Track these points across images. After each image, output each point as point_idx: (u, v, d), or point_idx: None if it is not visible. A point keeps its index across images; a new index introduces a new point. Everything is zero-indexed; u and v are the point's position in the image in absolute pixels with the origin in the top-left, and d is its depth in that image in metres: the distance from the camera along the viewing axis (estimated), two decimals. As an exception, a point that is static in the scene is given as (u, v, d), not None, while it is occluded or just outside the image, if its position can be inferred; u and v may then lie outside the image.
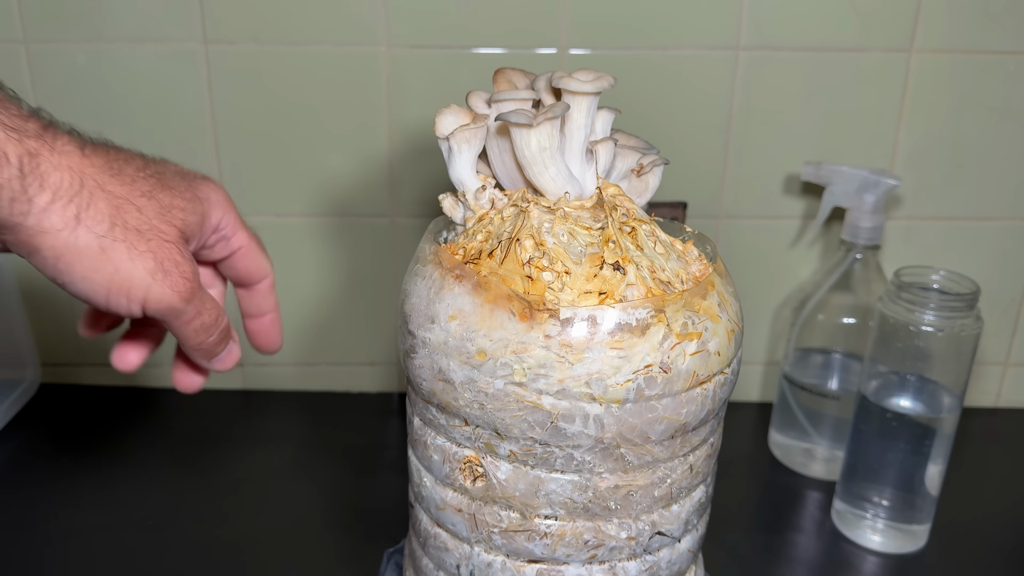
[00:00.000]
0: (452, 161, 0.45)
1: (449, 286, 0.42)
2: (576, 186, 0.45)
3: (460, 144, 0.44)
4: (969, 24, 0.75)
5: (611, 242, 0.42)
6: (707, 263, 0.46)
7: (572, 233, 0.42)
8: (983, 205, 0.81)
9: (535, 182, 0.44)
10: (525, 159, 0.43)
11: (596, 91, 0.44)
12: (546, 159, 0.43)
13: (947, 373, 0.66)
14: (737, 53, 0.75)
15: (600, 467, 0.42)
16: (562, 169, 0.44)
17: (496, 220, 0.44)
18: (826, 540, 0.71)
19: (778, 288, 0.84)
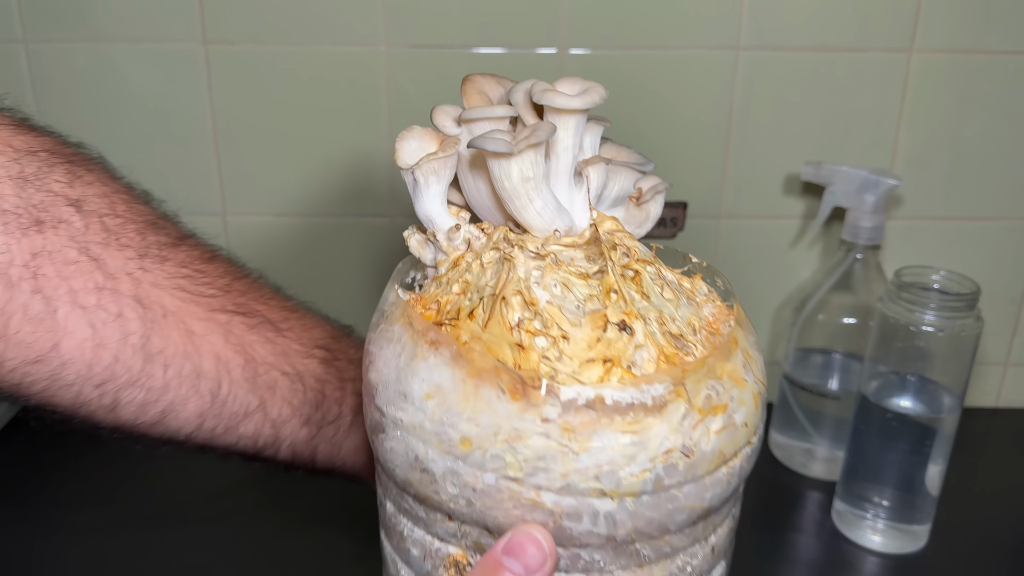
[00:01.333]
0: (418, 196, 0.39)
1: (423, 354, 0.35)
2: (565, 218, 0.39)
3: (427, 176, 0.38)
4: (970, 24, 0.75)
5: (613, 292, 0.36)
6: (721, 304, 0.41)
7: (567, 284, 0.36)
8: (983, 205, 0.81)
9: (518, 217, 0.38)
10: (506, 192, 0.37)
11: (585, 107, 0.38)
12: (530, 191, 0.37)
13: (947, 373, 0.66)
14: (737, 53, 0.75)
15: (611, 565, 0.36)
16: (549, 201, 0.38)
17: (475, 267, 0.38)
18: (826, 540, 0.71)
19: (778, 288, 0.84)
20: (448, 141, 0.39)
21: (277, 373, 0.47)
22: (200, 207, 0.81)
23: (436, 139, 0.40)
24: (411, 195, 0.39)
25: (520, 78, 0.43)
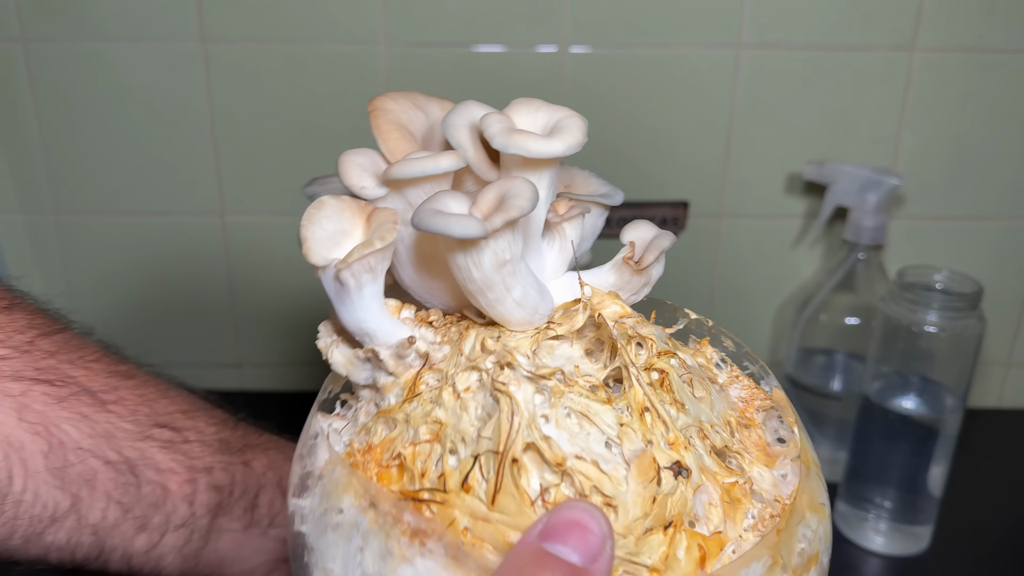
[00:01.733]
0: (347, 303, 0.29)
1: (402, 553, 0.25)
2: (548, 299, 0.30)
3: (360, 277, 0.28)
4: (972, 22, 0.74)
5: (646, 411, 0.27)
6: (741, 376, 0.34)
7: (585, 414, 0.27)
8: (987, 204, 0.81)
9: (490, 311, 0.29)
10: (474, 283, 0.28)
11: (565, 152, 0.29)
12: (507, 278, 0.28)
13: (950, 373, 0.66)
14: (739, 51, 0.75)
15: None
16: (530, 284, 0.29)
17: (447, 399, 0.28)
18: (828, 541, 0.70)
19: (780, 288, 0.84)
20: (382, 221, 0.28)
21: (97, 462, 0.36)
22: (198, 207, 0.80)
23: (359, 212, 0.29)
24: (331, 300, 0.29)
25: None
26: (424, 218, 0.26)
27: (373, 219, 0.29)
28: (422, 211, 0.27)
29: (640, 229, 0.34)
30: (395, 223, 0.28)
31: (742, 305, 0.85)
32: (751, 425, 0.31)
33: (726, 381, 0.33)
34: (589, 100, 0.76)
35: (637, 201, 0.79)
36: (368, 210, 0.29)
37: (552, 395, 0.27)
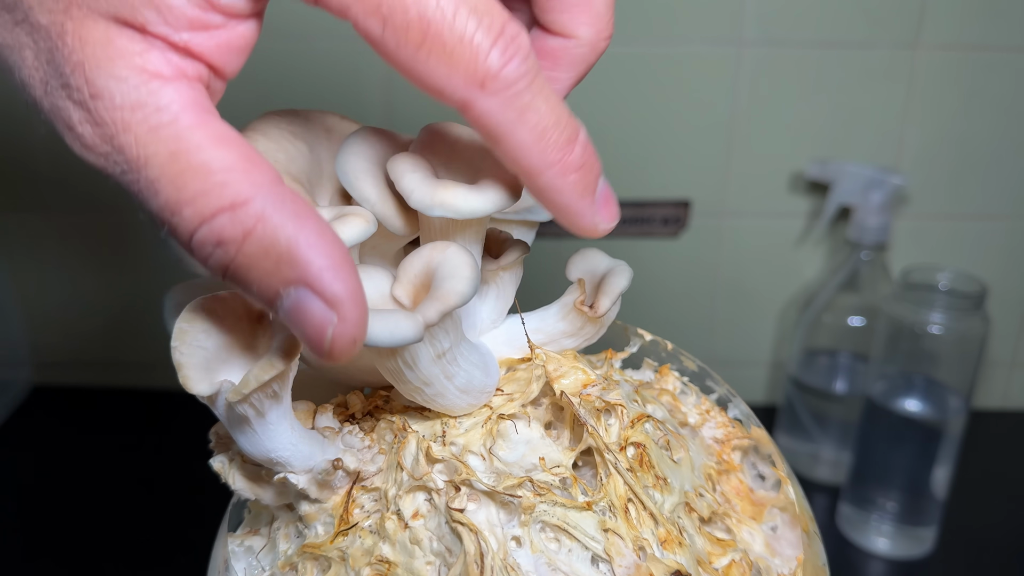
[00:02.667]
0: (248, 434, 0.24)
1: None
2: (493, 370, 0.26)
3: (262, 405, 0.23)
4: (976, 20, 0.74)
5: (630, 503, 0.24)
6: (711, 407, 0.31)
7: (563, 527, 0.23)
8: (991, 204, 0.80)
9: (430, 406, 0.26)
10: (410, 383, 0.24)
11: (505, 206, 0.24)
12: (446, 367, 0.24)
13: (954, 374, 0.65)
14: (741, 49, 0.74)
15: None
16: (474, 363, 0.25)
17: (391, 530, 0.24)
18: (832, 544, 0.70)
19: (783, 288, 0.83)
20: (281, 328, 0.22)
21: None
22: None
23: (244, 315, 0.23)
24: (228, 429, 0.24)
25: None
26: None
27: (266, 321, 0.23)
28: None
29: (590, 260, 0.29)
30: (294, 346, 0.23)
31: (744, 305, 0.84)
32: (731, 470, 0.29)
33: (697, 421, 0.30)
34: (590, 98, 0.76)
35: (638, 200, 0.79)
36: (257, 310, 0.23)
37: (522, 511, 0.23)
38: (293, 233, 0.19)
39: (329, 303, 0.19)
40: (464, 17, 0.20)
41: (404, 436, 0.25)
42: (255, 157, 0.20)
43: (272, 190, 0.20)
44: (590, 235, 0.24)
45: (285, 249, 0.19)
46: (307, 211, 0.20)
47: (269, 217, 0.19)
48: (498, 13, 0.20)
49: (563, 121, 0.21)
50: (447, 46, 0.20)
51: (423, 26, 0.20)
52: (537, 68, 0.21)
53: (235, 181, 0.20)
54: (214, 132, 0.21)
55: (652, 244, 0.81)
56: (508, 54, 0.20)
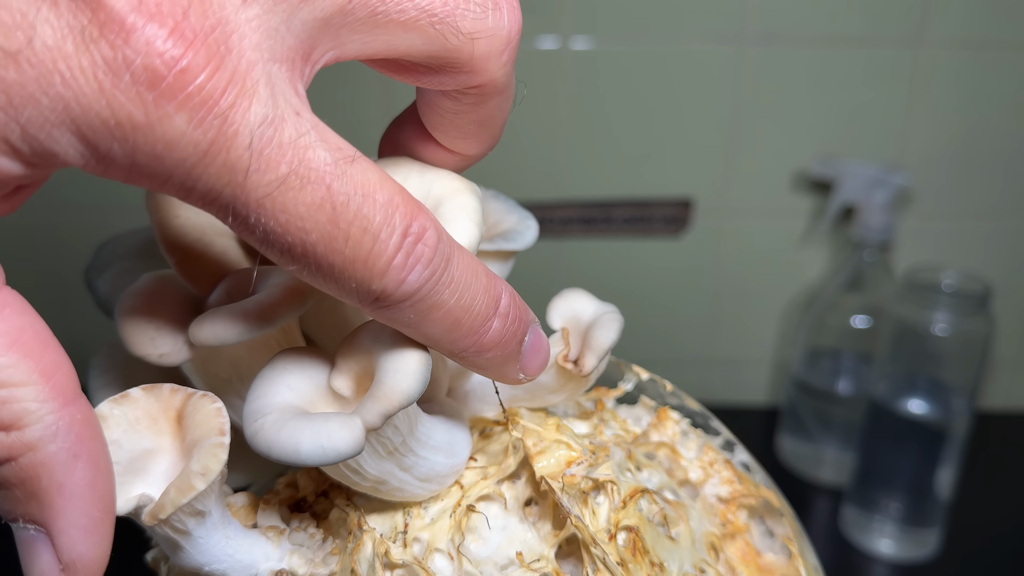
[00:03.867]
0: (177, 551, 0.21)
1: None
2: (463, 445, 0.24)
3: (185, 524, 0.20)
4: (981, 17, 0.73)
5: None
6: (717, 457, 0.28)
7: None
8: (996, 203, 0.80)
9: (391, 499, 0.23)
10: (365, 483, 0.22)
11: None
12: (403, 460, 0.21)
13: (958, 375, 0.65)
14: (743, 46, 0.74)
15: None
16: (437, 446, 0.22)
17: None
18: (835, 545, 0.69)
19: (786, 288, 0.83)
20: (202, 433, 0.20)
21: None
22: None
23: (162, 412, 0.21)
24: (161, 546, 0.22)
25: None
26: (269, 438, 0.19)
27: (186, 420, 0.20)
28: (266, 424, 0.19)
29: (573, 305, 0.25)
30: (223, 431, 0.20)
31: (747, 305, 0.84)
32: (736, 532, 0.27)
33: (699, 477, 0.27)
34: (590, 97, 0.75)
35: (640, 200, 0.78)
36: (176, 404, 0.20)
37: None
38: (59, 476, 0.17)
39: (63, 563, 0.18)
40: (356, 237, 0.18)
41: (359, 535, 0.22)
42: (53, 363, 0.18)
43: (62, 415, 0.17)
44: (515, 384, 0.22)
45: (42, 490, 0.17)
46: (90, 447, 0.18)
47: (42, 448, 0.17)
48: (401, 214, 0.18)
49: (476, 302, 0.20)
50: (335, 268, 0.18)
51: (306, 252, 0.18)
52: (448, 254, 0.19)
53: (19, 398, 0.17)
54: (6, 331, 0.18)
55: (653, 243, 0.81)
56: (408, 265, 0.18)
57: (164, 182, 0.17)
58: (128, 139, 0.16)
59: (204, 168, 0.16)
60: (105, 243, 0.28)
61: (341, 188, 0.18)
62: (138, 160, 0.16)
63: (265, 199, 0.17)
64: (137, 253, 0.27)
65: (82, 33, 0.16)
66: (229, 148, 0.16)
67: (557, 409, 0.28)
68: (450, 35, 0.20)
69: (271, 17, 0.17)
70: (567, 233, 0.79)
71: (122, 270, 0.26)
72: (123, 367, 0.24)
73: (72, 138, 0.16)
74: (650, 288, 0.82)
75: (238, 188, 0.17)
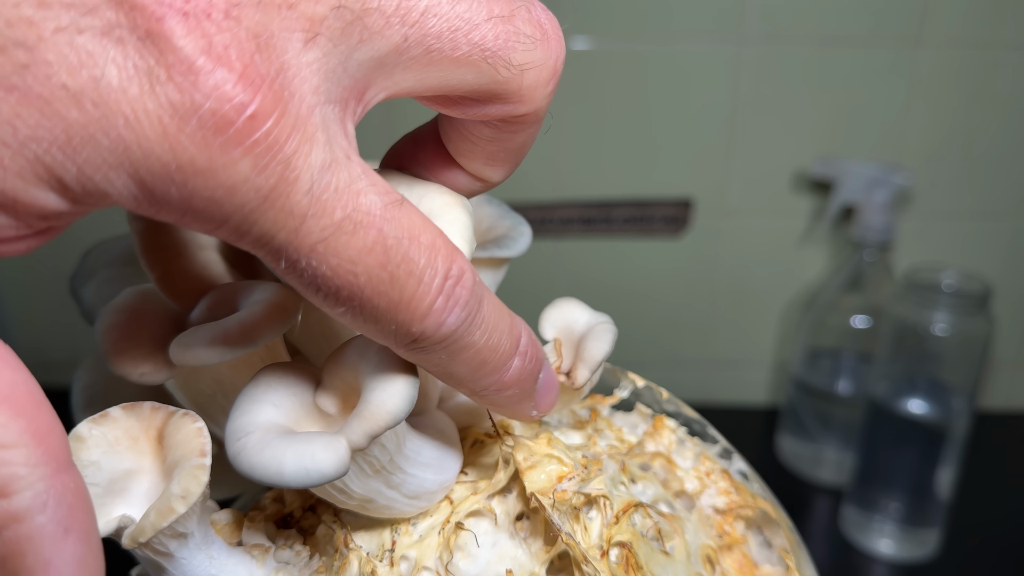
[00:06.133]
0: (158, 570, 0.21)
1: None
2: (452, 462, 0.23)
3: (167, 546, 0.20)
4: (981, 17, 0.73)
5: None
6: (714, 465, 0.28)
7: None
8: (996, 203, 0.80)
9: (379, 516, 0.23)
10: (352, 502, 0.22)
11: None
12: (390, 478, 0.21)
13: (958, 375, 0.65)
14: (743, 46, 0.74)
15: None
16: (425, 463, 0.22)
17: None
18: (835, 545, 0.69)
19: (786, 288, 0.83)
20: (183, 453, 0.19)
21: None
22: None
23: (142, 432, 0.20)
24: (144, 567, 0.21)
25: None
26: (251, 458, 0.18)
27: (167, 440, 0.20)
28: (248, 444, 0.18)
29: (566, 315, 0.25)
30: (204, 452, 0.19)
31: (747, 305, 0.84)
32: (733, 544, 0.26)
33: (696, 488, 0.27)
34: (591, 96, 0.75)
35: (640, 199, 0.78)
36: (157, 423, 0.20)
37: None
38: (47, 552, 0.16)
39: None
40: (401, 281, 0.18)
41: (346, 554, 0.21)
42: (46, 426, 0.16)
43: (53, 483, 0.16)
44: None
45: (27, 568, 0.16)
46: (82, 521, 0.16)
47: (30, 520, 0.16)
48: (443, 258, 0.18)
49: (501, 343, 0.20)
50: (378, 311, 0.18)
51: (353, 295, 0.18)
52: (480, 297, 0.19)
53: (8, 462, 0.16)
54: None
55: (653, 243, 0.81)
56: (447, 308, 0.18)
57: (219, 226, 0.17)
58: (188, 184, 0.16)
59: (262, 213, 0.16)
60: (90, 249, 0.27)
61: (391, 232, 0.18)
62: (195, 204, 0.16)
63: (319, 244, 0.17)
64: (123, 260, 0.27)
65: (148, 74, 0.15)
66: (289, 193, 0.16)
67: (551, 419, 0.27)
68: (501, 68, 0.20)
69: (330, 59, 0.17)
70: (567, 233, 0.79)
71: (108, 278, 0.26)
72: (106, 381, 0.24)
73: (128, 180, 0.16)
74: (650, 288, 0.82)
75: (293, 233, 0.17)
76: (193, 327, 0.20)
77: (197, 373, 0.22)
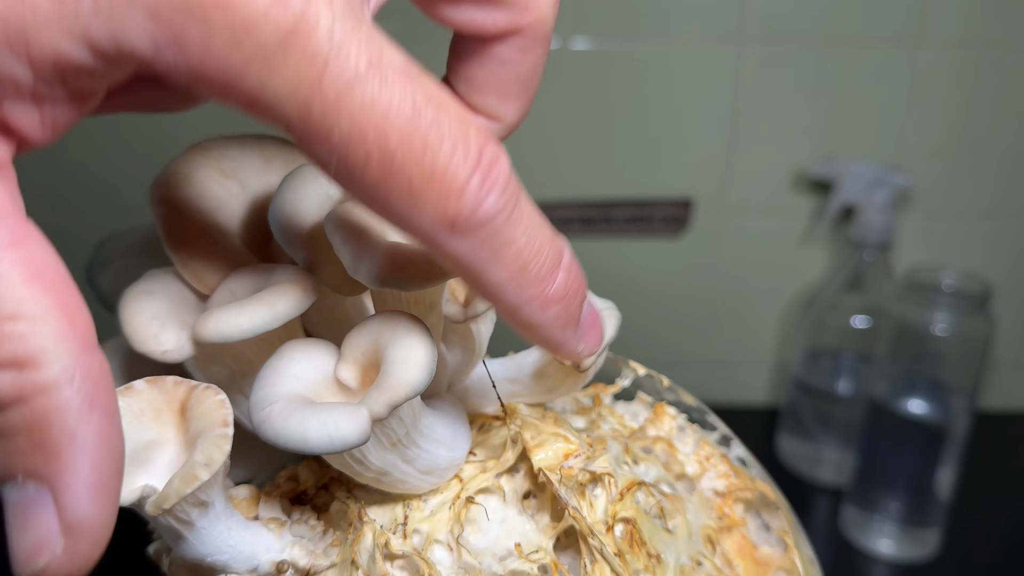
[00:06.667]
0: (179, 542, 0.21)
1: None
2: (462, 440, 0.24)
3: (188, 515, 0.20)
4: (981, 17, 0.73)
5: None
6: (714, 452, 0.28)
7: None
8: (996, 203, 0.80)
9: (392, 491, 0.23)
10: (368, 474, 0.22)
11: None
12: (405, 452, 0.22)
13: (958, 375, 0.65)
14: (743, 46, 0.74)
15: None
16: (438, 439, 0.23)
17: None
18: (835, 545, 0.69)
19: (786, 288, 0.83)
20: (205, 424, 0.20)
21: None
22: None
23: (167, 404, 0.21)
24: (164, 537, 0.22)
25: None
26: (274, 424, 0.19)
27: (190, 411, 0.20)
28: (266, 408, 0.19)
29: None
30: (226, 425, 0.20)
31: (747, 305, 0.84)
32: (733, 525, 0.27)
33: (696, 471, 0.27)
34: (591, 96, 0.75)
35: (640, 199, 0.78)
36: (180, 396, 0.21)
37: None
38: (72, 424, 0.16)
39: (65, 526, 0.16)
40: (434, 146, 0.17)
41: (360, 527, 0.22)
42: (74, 305, 0.17)
43: (80, 359, 0.16)
44: (572, 362, 0.21)
45: (52, 439, 0.16)
46: (107, 399, 0.16)
47: (57, 392, 0.16)
48: (474, 134, 0.17)
49: (544, 248, 0.19)
50: (412, 182, 0.17)
51: (384, 162, 0.17)
52: (518, 191, 0.18)
53: (38, 334, 0.16)
54: (29, 261, 0.16)
55: (653, 243, 0.81)
56: (486, 188, 0.17)
57: (235, 79, 0.16)
58: (207, 18, 0.15)
59: (283, 57, 0.15)
60: (104, 240, 0.28)
61: (419, 92, 0.16)
62: (213, 48, 0.15)
63: (344, 96, 0.16)
64: (138, 250, 0.27)
65: None
66: (310, 33, 0.15)
67: (555, 405, 0.28)
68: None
69: None
70: (567, 233, 0.79)
71: (123, 267, 0.26)
72: (126, 364, 0.24)
73: (145, 18, 0.15)
74: (650, 288, 0.82)
75: (316, 83, 0.16)
76: (216, 306, 0.21)
77: (217, 353, 0.22)
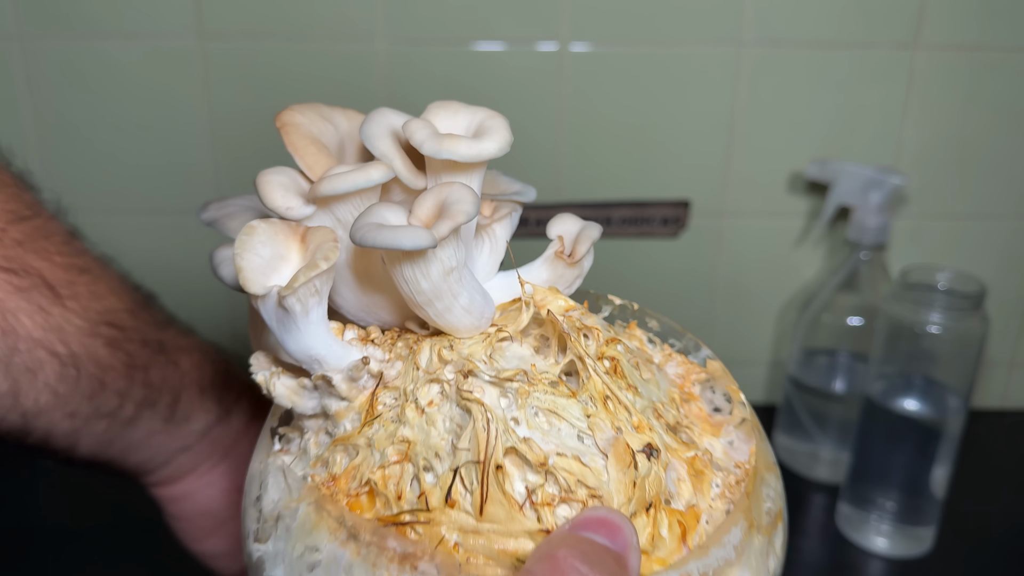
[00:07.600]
0: (292, 330, 0.27)
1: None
2: (490, 303, 0.30)
3: (306, 301, 0.27)
4: (976, 20, 0.74)
5: (608, 399, 0.28)
6: (673, 353, 0.35)
7: (553, 410, 0.27)
8: (991, 204, 0.80)
9: (439, 321, 0.29)
10: (423, 295, 0.28)
11: (497, 153, 0.29)
12: (453, 284, 0.28)
13: (953, 374, 0.65)
14: (740, 49, 0.75)
15: None
16: (475, 289, 0.29)
17: (410, 416, 0.28)
18: (831, 543, 0.70)
19: (783, 288, 0.83)
20: (321, 241, 0.27)
21: (44, 353, 0.37)
22: (196, 206, 0.80)
23: (291, 235, 0.28)
24: (274, 330, 0.28)
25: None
26: (368, 233, 0.25)
27: (310, 239, 0.27)
28: (363, 227, 0.26)
29: (566, 222, 0.33)
30: (336, 242, 0.27)
31: (744, 305, 0.84)
32: (691, 399, 0.32)
33: (661, 360, 0.34)
34: (591, 97, 0.76)
35: (638, 200, 0.79)
36: (300, 231, 0.28)
37: (518, 396, 0.27)
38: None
39: None
40: None
41: (420, 344, 0.29)
42: None
43: None
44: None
45: None
46: None
47: None
48: None
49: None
50: None
51: None
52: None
53: None
54: None
55: (652, 244, 0.81)
56: None
57: None
58: None
59: None
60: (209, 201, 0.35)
61: None
62: None
63: None
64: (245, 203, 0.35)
65: None
66: None
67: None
68: None
69: None
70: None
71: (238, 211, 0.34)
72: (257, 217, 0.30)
73: None
74: (648, 288, 0.83)
75: None
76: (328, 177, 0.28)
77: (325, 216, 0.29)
